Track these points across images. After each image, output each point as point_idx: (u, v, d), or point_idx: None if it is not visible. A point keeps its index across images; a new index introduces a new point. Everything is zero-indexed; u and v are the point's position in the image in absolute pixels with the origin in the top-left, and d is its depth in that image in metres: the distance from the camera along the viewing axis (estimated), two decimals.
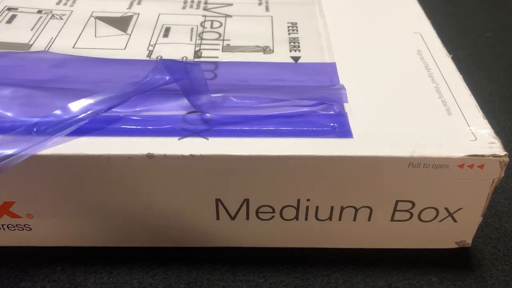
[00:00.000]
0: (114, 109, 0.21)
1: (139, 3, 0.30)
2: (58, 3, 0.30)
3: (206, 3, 0.31)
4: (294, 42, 0.27)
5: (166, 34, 0.27)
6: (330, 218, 0.22)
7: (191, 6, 0.30)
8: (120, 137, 0.20)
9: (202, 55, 0.26)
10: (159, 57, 0.25)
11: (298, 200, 0.22)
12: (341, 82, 0.24)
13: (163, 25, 0.28)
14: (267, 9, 0.30)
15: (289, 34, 0.28)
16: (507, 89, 0.35)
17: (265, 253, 0.24)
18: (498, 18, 0.44)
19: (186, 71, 0.22)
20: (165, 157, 0.20)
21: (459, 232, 0.23)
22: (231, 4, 0.30)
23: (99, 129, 0.21)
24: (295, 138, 0.21)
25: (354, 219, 0.22)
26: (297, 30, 0.28)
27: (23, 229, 0.23)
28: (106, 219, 0.22)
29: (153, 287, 0.22)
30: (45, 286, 0.22)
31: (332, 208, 0.22)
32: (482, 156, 0.20)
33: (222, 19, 0.29)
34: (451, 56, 0.26)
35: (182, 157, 0.20)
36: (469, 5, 0.46)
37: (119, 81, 0.23)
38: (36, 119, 0.20)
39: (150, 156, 0.20)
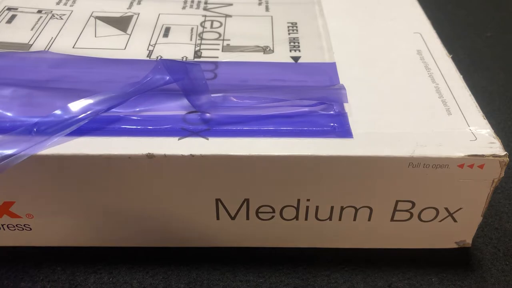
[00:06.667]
0: (114, 109, 0.21)
1: (139, 3, 0.30)
2: (58, 3, 0.30)
3: (206, 3, 0.31)
4: (294, 42, 0.27)
5: (166, 34, 0.27)
6: (330, 218, 0.22)
7: (191, 6, 0.30)
8: (120, 137, 0.20)
9: (202, 55, 0.26)
10: (159, 57, 0.25)
11: (298, 200, 0.22)
12: (341, 82, 0.24)
13: (163, 25, 0.28)
14: (267, 9, 0.30)
15: (289, 34, 0.28)
16: (507, 89, 0.35)
17: (265, 253, 0.24)
18: (498, 18, 0.44)
19: (186, 71, 0.22)
20: (165, 157, 0.20)
21: (459, 232, 0.23)
22: (231, 4, 0.30)
23: (99, 129, 0.21)
24: (295, 138, 0.21)
25: (354, 219, 0.23)
26: (297, 30, 0.28)
27: (23, 229, 0.23)
28: (106, 219, 0.22)
29: (153, 287, 0.22)
30: (45, 286, 0.22)
31: (332, 208, 0.22)
32: (482, 156, 0.20)
33: (222, 19, 0.29)
34: (451, 56, 0.26)
35: (182, 157, 0.20)
36: (469, 5, 0.46)
37: (119, 81, 0.23)
38: (36, 119, 0.20)
39: (150, 156, 0.20)
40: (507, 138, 0.31)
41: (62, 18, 0.28)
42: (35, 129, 0.20)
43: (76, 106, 0.21)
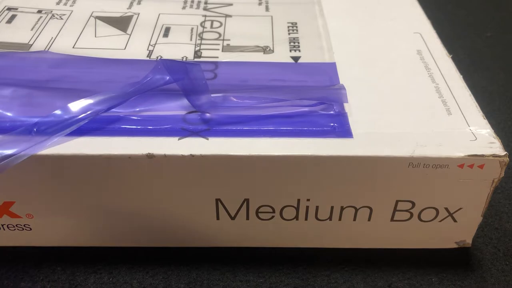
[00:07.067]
0: (114, 109, 0.21)
1: (139, 3, 0.30)
2: (58, 3, 0.30)
3: (206, 3, 0.31)
4: (294, 42, 0.27)
5: (166, 34, 0.27)
6: (330, 218, 0.22)
7: (191, 6, 0.30)
8: (120, 137, 0.20)
9: (202, 55, 0.26)
10: (159, 57, 0.25)
11: (298, 200, 0.22)
12: (341, 82, 0.24)
13: (163, 25, 0.28)
14: (267, 9, 0.30)
15: (289, 34, 0.28)
16: (507, 89, 0.35)
17: (265, 253, 0.24)
18: (498, 18, 0.44)
19: (186, 71, 0.22)
20: (165, 157, 0.20)
21: (459, 232, 0.23)
22: (231, 4, 0.30)
23: (99, 129, 0.21)
24: (295, 138, 0.21)
25: (354, 219, 0.22)
26: (297, 30, 0.28)
27: (23, 229, 0.23)
28: (106, 219, 0.22)
29: (153, 287, 0.22)
30: (45, 286, 0.22)
31: (332, 208, 0.22)
32: (482, 156, 0.20)
33: (222, 19, 0.29)
34: (451, 56, 0.26)
35: (182, 157, 0.20)
36: (469, 5, 0.46)
37: (119, 81, 0.23)
38: (36, 119, 0.20)
39: (150, 156, 0.20)
40: (507, 138, 0.31)
41: (62, 18, 0.28)
42: (35, 129, 0.20)
43: (76, 106, 0.21)
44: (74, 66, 0.24)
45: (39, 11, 0.29)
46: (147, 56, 0.25)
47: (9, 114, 0.21)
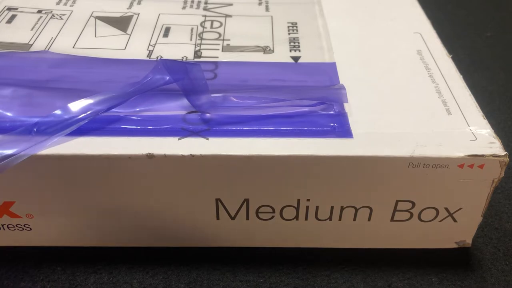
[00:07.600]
0: (114, 109, 0.21)
1: (139, 3, 0.30)
2: (58, 3, 0.30)
3: (206, 3, 0.31)
4: (294, 42, 0.27)
5: (166, 34, 0.27)
6: (330, 218, 0.22)
7: (191, 6, 0.30)
8: (120, 137, 0.20)
9: (202, 55, 0.26)
10: (159, 57, 0.25)
11: (298, 200, 0.22)
12: (341, 82, 0.24)
13: (163, 25, 0.28)
14: (267, 9, 0.30)
15: (289, 34, 0.28)
16: (507, 89, 0.35)
17: (265, 253, 0.24)
18: (498, 18, 0.44)
19: (186, 71, 0.22)
20: (165, 157, 0.20)
21: (459, 232, 0.23)
22: (231, 4, 0.30)
23: (99, 129, 0.21)
24: (295, 138, 0.21)
25: (354, 219, 0.23)
26: (297, 30, 0.28)
27: (23, 229, 0.23)
28: (106, 219, 0.22)
29: (153, 287, 0.22)
30: (45, 286, 0.22)
31: (332, 208, 0.22)
32: (482, 156, 0.20)
33: (222, 19, 0.29)
34: (451, 56, 0.26)
35: (182, 157, 0.20)
36: (469, 5, 0.46)
37: (119, 81, 0.23)
38: (36, 119, 0.20)
39: (150, 156, 0.20)
40: (507, 138, 0.31)
41: (62, 18, 0.28)
42: (35, 129, 0.20)
43: (76, 106, 0.21)
44: (74, 66, 0.24)
45: (39, 11, 0.29)
46: (147, 56, 0.25)
47: (9, 114, 0.21)
